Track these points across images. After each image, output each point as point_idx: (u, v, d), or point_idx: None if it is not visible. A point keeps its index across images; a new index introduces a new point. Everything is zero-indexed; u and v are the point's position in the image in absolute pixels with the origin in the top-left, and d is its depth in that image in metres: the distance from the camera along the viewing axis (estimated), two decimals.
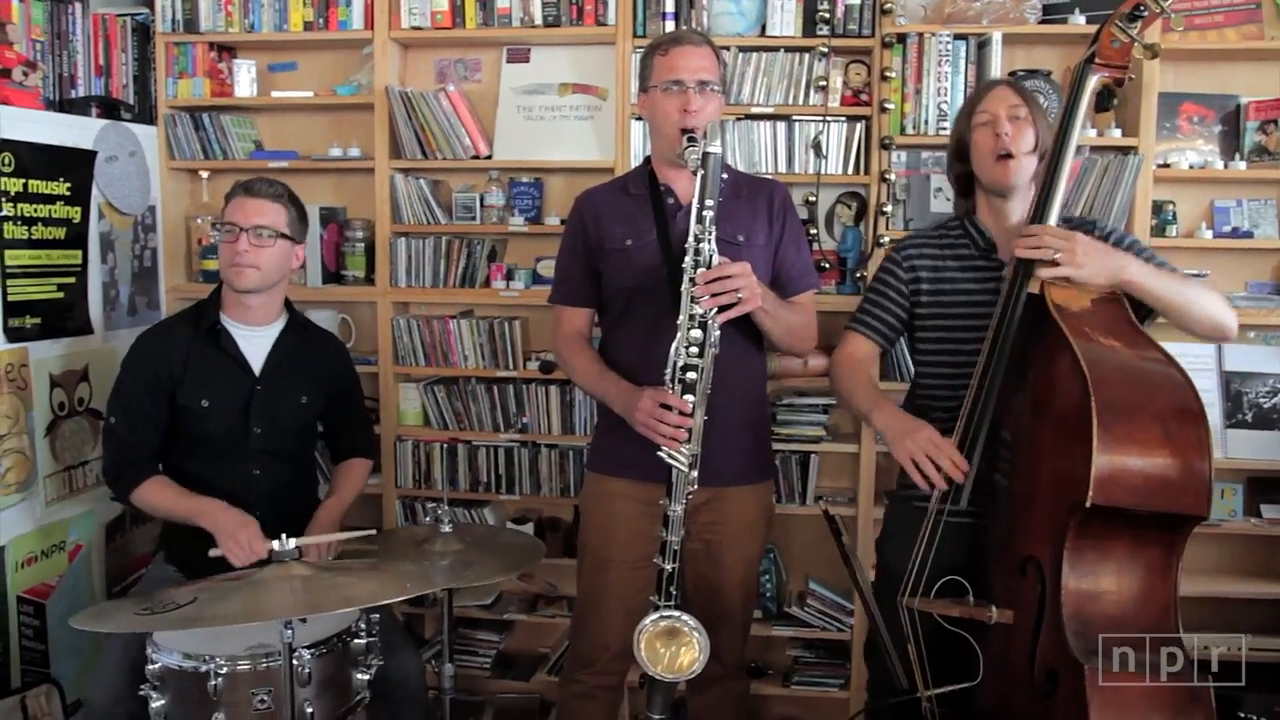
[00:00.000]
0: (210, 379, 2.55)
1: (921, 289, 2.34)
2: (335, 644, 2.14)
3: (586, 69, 3.30)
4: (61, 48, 3.11)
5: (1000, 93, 2.25)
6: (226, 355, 2.57)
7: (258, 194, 2.54)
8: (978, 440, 2.04)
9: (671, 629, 2.08)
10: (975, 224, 2.31)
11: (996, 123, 2.21)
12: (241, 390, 2.57)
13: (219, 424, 2.56)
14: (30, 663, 2.81)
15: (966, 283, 2.30)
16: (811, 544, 3.35)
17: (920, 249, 2.37)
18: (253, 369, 2.59)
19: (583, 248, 2.45)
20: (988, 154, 2.23)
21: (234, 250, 2.49)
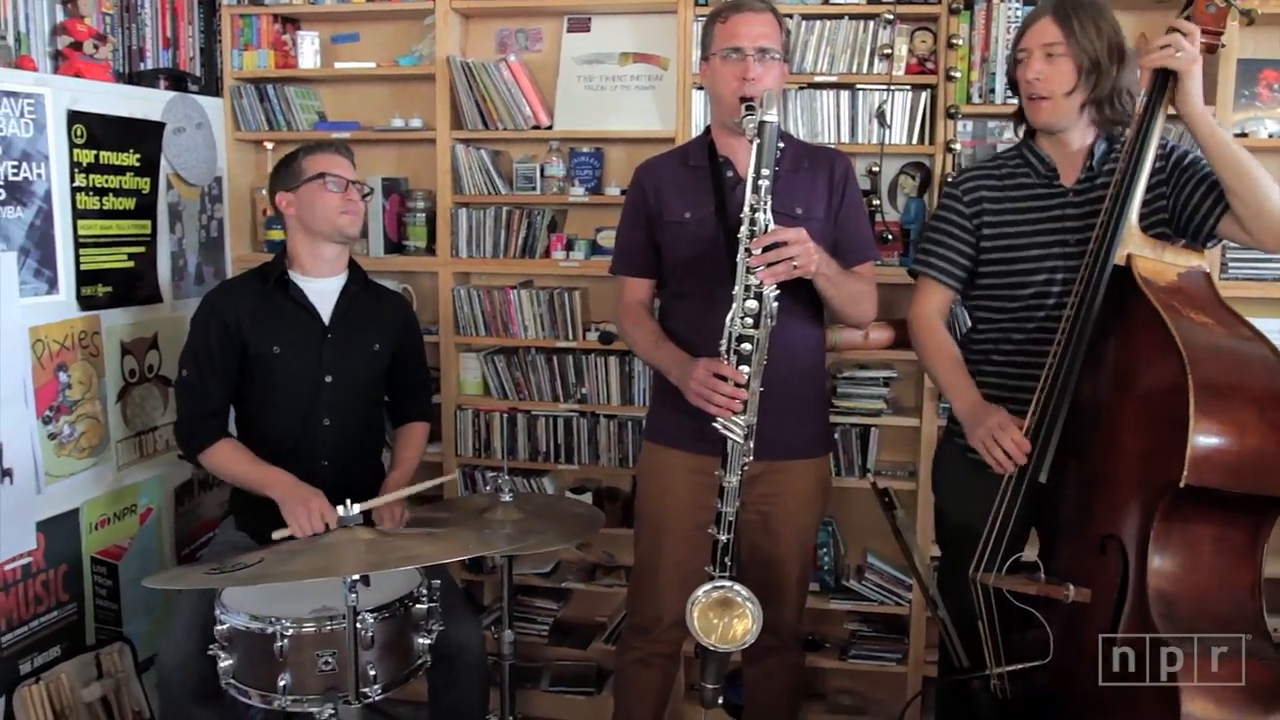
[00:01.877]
0: (280, 326, 2.60)
1: (984, 221, 2.26)
2: (398, 608, 2.17)
3: (648, 38, 3.28)
4: (130, 21, 3.15)
5: (1038, 28, 2.13)
6: (295, 303, 2.62)
7: (344, 153, 2.68)
8: (1062, 405, 1.96)
9: (725, 599, 2.07)
10: (1035, 149, 2.23)
11: (1029, 63, 2.13)
12: (312, 337, 2.62)
13: (291, 371, 2.60)
14: (104, 621, 2.90)
15: (1031, 212, 2.21)
16: (870, 518, 3.32)
17: (980, 179, 2.29)
18: (321, 317, 2.64)
19: (643, 218, 2.44)
20: (1024, 94, 2.17)
21: (345, 199, 2.60)
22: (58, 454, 2.72)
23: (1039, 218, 2.20)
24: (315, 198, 2.60)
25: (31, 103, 2.60)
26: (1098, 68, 2.09)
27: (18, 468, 2.57)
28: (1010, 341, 2.22)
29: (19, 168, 2.57)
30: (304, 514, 2.36)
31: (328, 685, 2.07)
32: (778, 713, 2.64)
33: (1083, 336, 1.95)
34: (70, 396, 2.75)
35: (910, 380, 3.25)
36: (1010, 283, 2.22)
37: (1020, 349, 2.21)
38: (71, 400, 2.75)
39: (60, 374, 2.72)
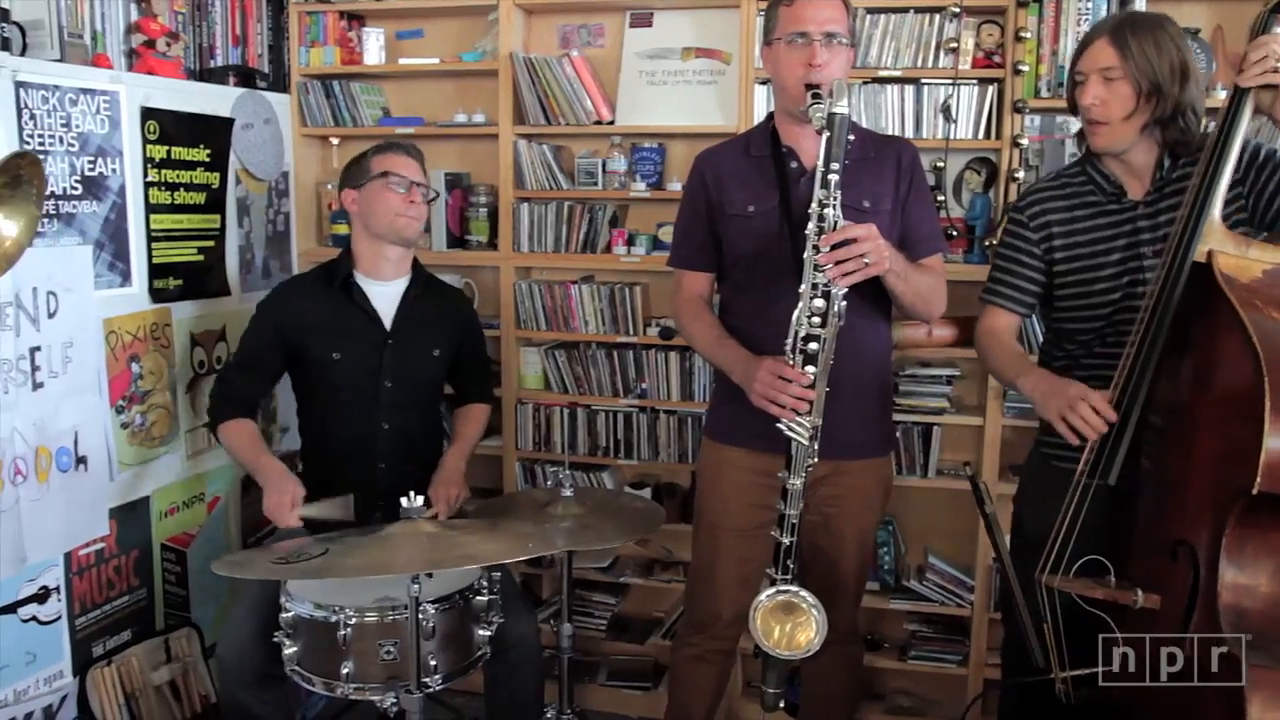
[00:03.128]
0: (342, 332, 2.64)
1: (1055, 245, 2.20)
2: (458, 600, 2.19)
3: (710, 33, 3.27)
4: (201, 19, 3.20)
5: (1095, 50, 2.07)
6: (358, 308, 2.66)
7: (414, 155, 2.69)
8: (1135, 405, 1.92)
9: (788, 604, 2.05)
10: (1099, 167, 2.17)
11: (1086, 87, 2.07)
12: (373, 343, 2.66)
13: (350, 376, 2.64)
14: (172, 607, 2.96)
15: (1102, 230, 2.16)
16: (932, 517, 3.29)
17: (1045, 202, 2.23)
18: (383, 323, 2.67)
19: (704, 210, 2.40)
20: (1083, 118, 2.12)
21: (406, 201, 2.61)
22: (129, 443, 2.78)
23: (1112, 234, 2.15)
24: (377, 197, 2.63)
25: (107, 99, 2.66)
26: (1158, 90, 2.03)
27: (92, 456, 2.63)
28: (1093, 356, 2.16)
29: (95, 163, 2.63)
30: (273, 504, 2.45)
31: (389, 674, 2.10)
32: (836, 705, 2.62)
33: (1159, 335, 1.90)
34: (142, 387, 2.81)
35: (974, 379, 3.20)
36: (1090, 301, 2.17)
37: (1105, 364, 2.12)
38: (143, 390, 2.82)
39: (133, 365, 2.78)
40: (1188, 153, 2.09)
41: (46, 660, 2.55)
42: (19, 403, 2.42)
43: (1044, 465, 2.22)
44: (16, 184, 1.09)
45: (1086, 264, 2.17)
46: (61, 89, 2.52)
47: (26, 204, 1.10)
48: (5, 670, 2.43)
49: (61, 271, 2.52)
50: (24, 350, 2.43)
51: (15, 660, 2.46)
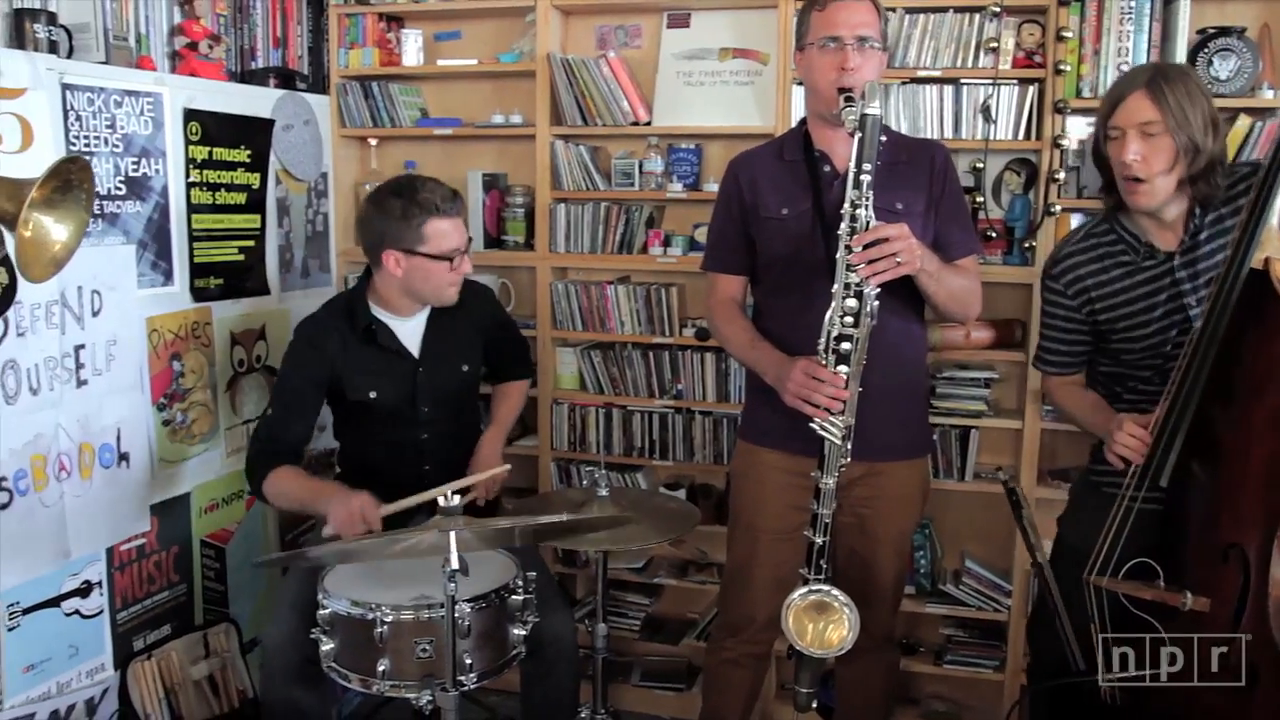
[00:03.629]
0: (373, 372, 2.62)
1: (1096, 307, 2.20)
2: (494, 599, 2.19)
3: (748, 33, 3.26)
4: (243, 21, 3.24)
5: (1133, 104, 2.02)
6: (384, 348, 2.63)
7: (458, 211, 2.56)
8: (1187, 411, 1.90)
9: (821, 603, 2.06)
10: (1125, 225, 2.16)
11: (1124, 144, 2.03)
12: (405, 376, 2.65)
13: (388, 409, 2.64)
14: (211, 602, 2.99)
15: (1140, 286, 2.14)
16: (969, 521, 3.26)
17: (1078, 268, 2.21)
18: (411, 354, 2.66)
19: (737, 212, 2.41)
20: (1119, 175, 2.07)
21: (456, 273, 2.55)
22: (171, 440, 2.81)
23: (1150, 290, 2.13)
24: (430, 271, 2.54)
25: (150, 101, 2.70)
26: (1194, 144, 2.00)
27: (134, 452, 2.67)
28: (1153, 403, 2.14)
29: (138, 164, 2.67)
30: (344, 514, 2.33)
31: (425, 672, 2.11)
32: (871, 714, 2.61)
33: (1214, 338, 1.88)
34: (183, 385, 2.84)
35: (1012, 382, 3.17)
36: (1143, 350, 2.16)
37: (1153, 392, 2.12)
38: (184, 388, 2.85)
39: (174, 363, 2.81)
40: (1215, 206, 2.08)
41: (88, 653, 2.59)
42: (63, 400, 2.46)
43: (1092, 491, 2.20)
44: (67, 189, 1.11)
45: (1131, 322, 2.16)
46: (106, 91, 2.56)
47: (76, 208, 1.12)
48: (48, 663, 2.47)
49: (106, 271, 2.56)
50: (69, 348, 2.47)
51: (58, 653, 2.50)
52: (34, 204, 1.06)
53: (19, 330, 2.33)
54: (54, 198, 1.10)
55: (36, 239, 1.10)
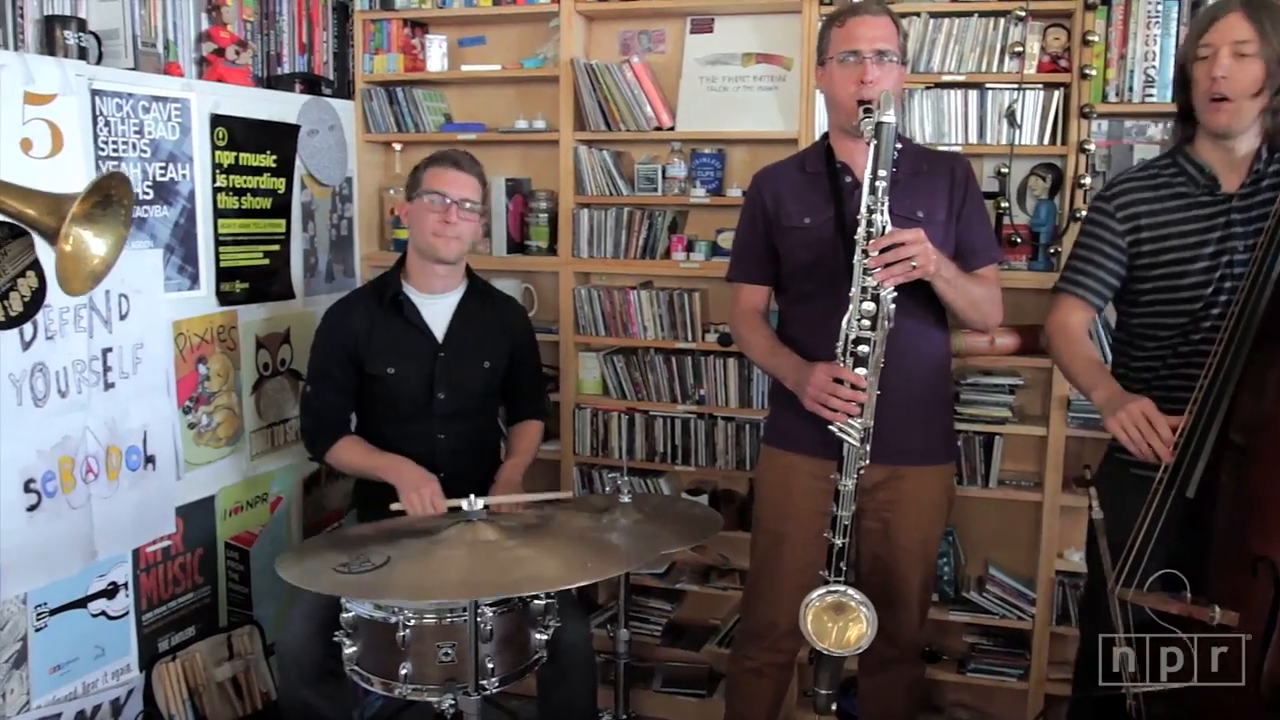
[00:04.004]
0: (395, 348, 2.67)
1: (1143, 238, 2.14)
2: (516, 604, 2.20)
3: (771, 38, 3.26)
4: (269, 27, 3.26)
5: (1227, 23, 1.99)
6: (409, 324, 2.68)
7: (463, 168, 2.66)
8: (1216, 416, 1.87)
9: (839, 604, 2.06)
10: (1191, 157, 2.11)
11: (1215, 60, 2.00)
12: (426, 357, 2.68)
13: (405, 390, 2.68)
14: (235, 604, 3.01)
15: (1193, 224, 2.09)
16: (993, 528, 3.24)
17: (1134, 192, 2.16)
18: (435, 336, 2.69)
19: (761, 225, 2.45)
20: (1203, 94, 2.03)
21: (444, 220, 2.60)
22: (196, 443, 2.83)
23: (1203, 228, 2.09)
24: (419, 214, 2.65)
25: (178, 106, 2.72)
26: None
27: (160, 455, 2.69)
28: (1177, 355, 2.11)
29: (166, 169, 2.69)
30: (416, 499, 2.47)
31: (447, 676, 2.12)
32: None
33: (1244, 341, 1.86)
34: (209, 388, 2.86)
35: (1037, 388, 3.15)
36: (1177, 298, 2.12)
37: (1188, 362, 2.08)
38: (210, 391, 2.87)
39: (200, 366, 2.83)
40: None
41: (114, 654, 2.61)
42: (91, 402, 2.48)
43: (1121, 471, 2.16)
44: (107, 204, 1.12)
45: (1175, 258, 2.11)
46: (135, 97, 2.58)
47: (115, 224, 1.13)
48: (75, 663, 2.49)
49: (133, 275, 2.58)
50: (96, 351, 2.49)
51: (85, 653, 2.52)
52: (75, 219, 1.07)
53: (48, 333, 2.35)
54: (94, 213, 1.12)
55: (76, 253, 1.11)
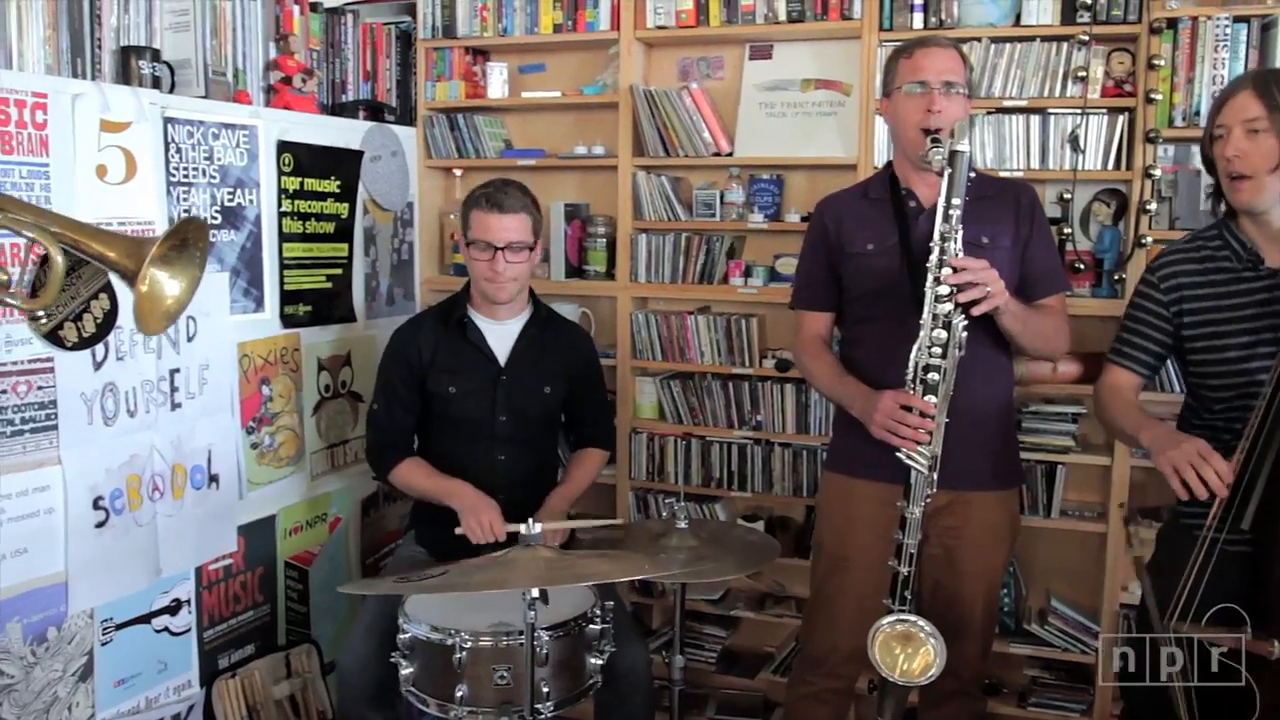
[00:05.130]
0: (458, 367, 2.70)
1: (1185, 309, 2.13)
2: (572, 627, 2.20)
3: (830, 64, 3.26)
4: (335, 56, 3.33)
5: (1238, 102, 1.98)
6: (472, 346, 2.70)
7: (506, 209, 2.63)
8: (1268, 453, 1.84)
9: (907, 633, 2.04)
10: (1235, 233, 2.08)
11: (1229, 140, 1.99)
12: (487, 379, 2.70)
13: (466, 410, 2.70)
14: (293, 623, 3.04)
15: (1236, 298, 2.07)
16: (1055, 558, 3.18)
17: (1178, 265, 2.15)
18: (498, 359, 2.71)
19: (824, 252, 2.45)
20: (1223, 173, 2.03)
21: (492, 269, 2.63)
22: (258, 462, 2.88)
23: (1244, 303, 2.06)
24: (471, 260, 2.69)
25: (246, 134, 2.78)
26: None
27: (223, 474, 2.74)
28: (1231, 431, 2.05)
29: (234, 194, 2.75)
30: (475, 524, 2.48)
31: (502, 699, 2.13)
32: None
33: None
34: (271, 409, 2.91)
35: None
36: (1221, 370, 2.08)
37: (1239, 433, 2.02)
38: (273, 412, 2.92)
39: (263, 387, 2.88)
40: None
41: (176, 670, 2.65)
42: (158, 422, 2.53)
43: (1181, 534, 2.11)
44: (183, 247, 1.16)
45: (1218, 330, 2.09)
46: (205, 124, 2.65)
47: (190, 266, 1.17)
48: (138, 678, 2.54)
49: (201, 297, 2.58)
50: (164, 372, 2.55)
51: (148, 668, 2.57)
52: (152, 260, 1.11)
53: (118, 354, 2.41)
54: (170, 255, 1.15)
55: (153, 294, 1.15)
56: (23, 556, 2.23)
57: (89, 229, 1.16)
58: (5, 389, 2.17)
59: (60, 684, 2.34)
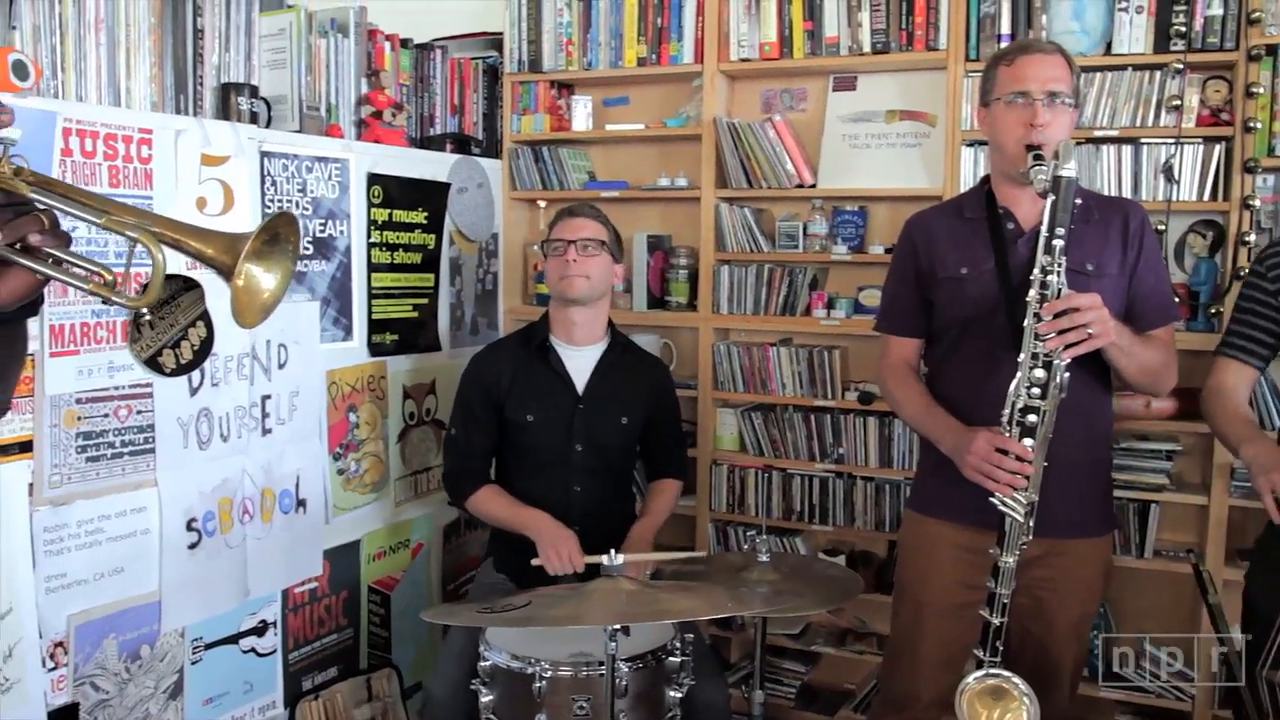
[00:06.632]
0: (536, 395, 2.72)
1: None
2: (651, 660, 2.19)
3: (915, 95, 3.23)
4: (424, 90, 3.40)
5: None
6: (552, 371, 2.73)
7: (579, 213, 2.74)
8: None
9: (998, 689, 1.95)
10: None
11: None
12: (565, 408, 2.72)
13: (543, 438, 2.71)
14: (375, 647, 3.08)
15: None
16: (1148, 600, 3.08)
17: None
18: (576, 387, 2.73)
19: (913, 274, 2.34)
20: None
21: (564, 262, 2.67)
22: (344, 488, 2.93)
23: None
24: (549, 264, 2.74)
25: (338, 166, 2.85)
26: None
27: (311, 499, 2.79)
28: None
29: (325, 225, 2.82)
30: (554, 555, 2.47)
31: None
32: None
33: None
34: (358, 435, 2.96)
35: (1197, 455, 3.00)
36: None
37: None
38: (359, 439, 2.97)
39: (350, 414, 2.94)
40: None
41: (261, 690, 2.70)
42: (250, 447, 2.59)
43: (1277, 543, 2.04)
44: (275, 241, 1.20)
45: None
46: (300, 157, 2.72)
47: (283, 259, 1.21)
48: (225, 697, 2.59)
49: (293, 326, 2.70)
50: (256, 398, 2.61)
51: (235, 688, 2.62)
52: (247, 255, 1.15)
53: (214, 381, 2.48)
54: (263, 250, 1.19)
55: (249, 287, 1.19)
56: (119, 575, 2.30)
57: (187, 227, 1.21)
58: (108, 413, 2.25)
59: (152, 700, 2.40)
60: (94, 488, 2.24)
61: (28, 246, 1.14)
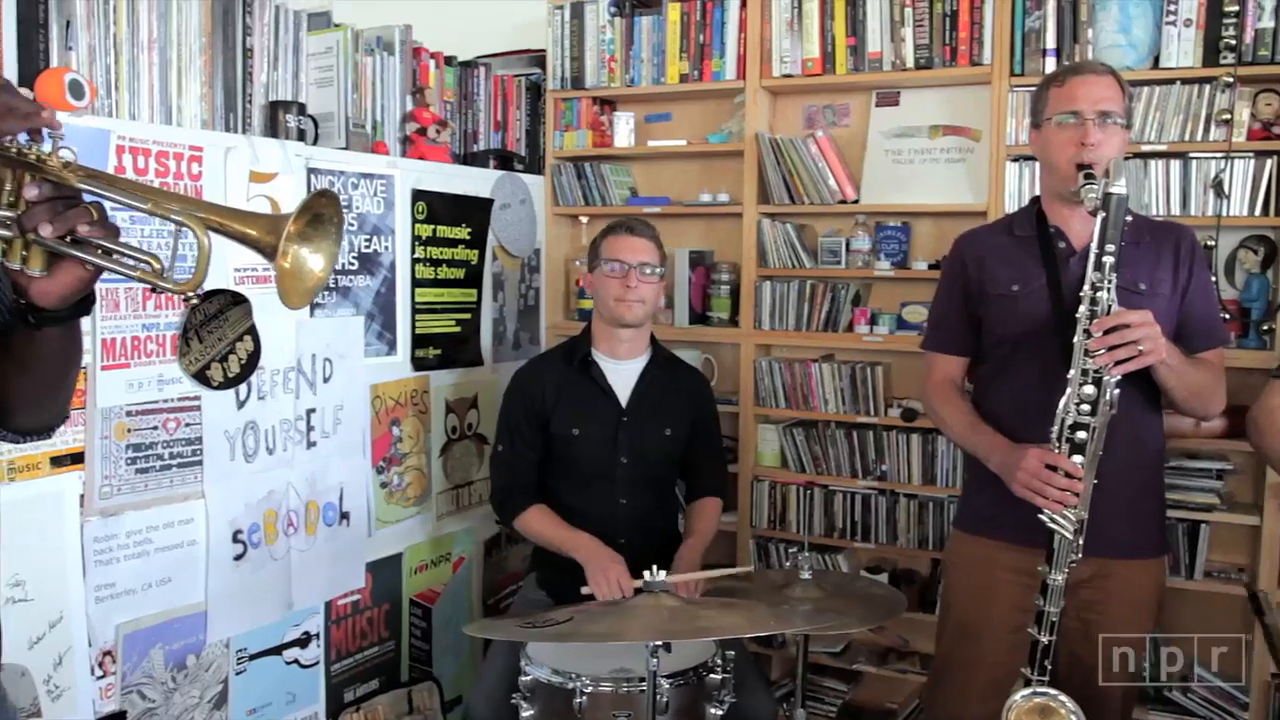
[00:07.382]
0: (581, 409, 2.72)
1: None
2: (692, 676, 2.18)
3: (959, 110, 3.22)
4: (467, 107, 3.43)
5: None
6: (595, 385, 2.73)
7: (640, 234, 2.72)
8: None
9: (1045, 707, 1.93)
10: None
11: None
12: (609, 421, 2.72)
13: (588, 452, 2.72)
14: (416, 660, 3.09)
15: None
16: (1199, 622, 3.01)
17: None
18: (619, 401, 2.73)
19: (961, 292, 2.33)
20: None
21: (624, 286, 2.66)
22: (387, 501, 2.95)
23: None
24: (601, 283, 2.72)
25: (384, 183, 2.88)
26: None
27: (354, 512, 2.81)
28: None
29: (370, 241, 2.85)
30: (603, 580, 2.45)
31: None
32: None
33: None
34: (401, 449, 2.98)
35: (1248, 474, 2.95)
36: None
37: None
38: (402, 453, 2.99)
39: (394, 428, 2.96)
40: None
41: (304, 701, 2.72)
42: (295, 460, 2.62)
43: None
44: (318, 221, 1.21)
45: None
46: (346, 174, 2.75)
47: (328, 240, 1.22)
48: (268, 708, 2.61)
49: (338, 340, 2.73)
50: (301, 411, 2.64)
51: (277, 699, 2.64)
52: (290, 237, 1.17)
53: (260, 394, 2.51)
54: (307, 231, 1.21)
55: (295, 269, 1.20)
56: (167, 586, 2.33)
57: (230, 211, 1.23)
58: (157, 425, 2.29)
59: (197, 710, 2.42)
60: (143, 499, 2.27)
61: (78, 239, 1.17)
